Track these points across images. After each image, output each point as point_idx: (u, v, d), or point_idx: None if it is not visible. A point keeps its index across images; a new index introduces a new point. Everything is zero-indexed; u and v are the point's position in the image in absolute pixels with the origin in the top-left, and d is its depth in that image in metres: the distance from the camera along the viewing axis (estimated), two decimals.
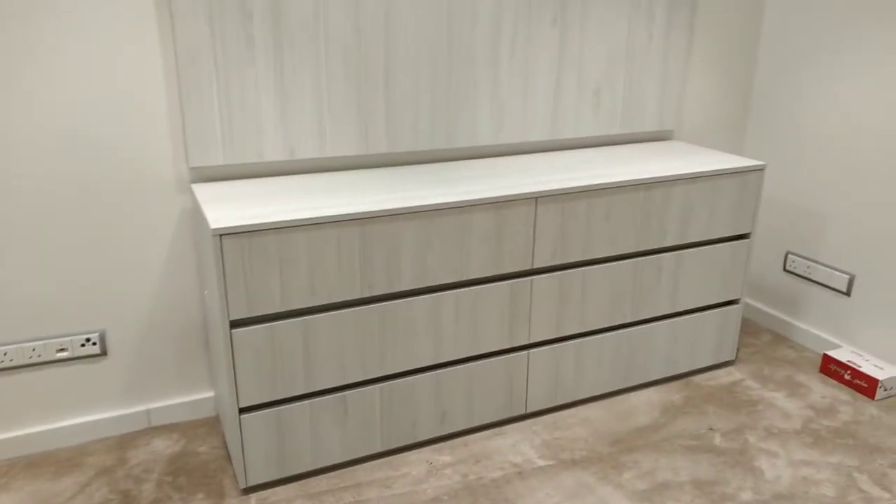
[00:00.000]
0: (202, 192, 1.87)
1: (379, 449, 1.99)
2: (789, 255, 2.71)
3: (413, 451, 2.03)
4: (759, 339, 2.73)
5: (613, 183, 2.04)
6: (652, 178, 2.09)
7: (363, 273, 1.79)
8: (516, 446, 2.06)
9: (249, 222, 1.63)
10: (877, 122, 2.33)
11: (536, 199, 1.95)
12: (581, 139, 2.48)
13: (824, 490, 1.90)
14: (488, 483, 1.90)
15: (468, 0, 2.11)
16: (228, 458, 1.99)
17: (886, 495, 1.88)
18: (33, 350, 1.93)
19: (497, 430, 2.14)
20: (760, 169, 2.28)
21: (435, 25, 2.09)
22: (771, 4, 2.64)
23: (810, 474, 1.96)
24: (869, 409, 2.28)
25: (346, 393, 1.88)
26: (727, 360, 2.51)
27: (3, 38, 1.68)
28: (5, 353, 1.91)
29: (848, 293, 2.51)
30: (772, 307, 2.82)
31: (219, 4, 1.82)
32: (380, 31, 2.02)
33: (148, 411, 2.11)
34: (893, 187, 2.31)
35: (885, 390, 2.33)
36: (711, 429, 2.16)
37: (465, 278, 1.93)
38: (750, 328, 2.82)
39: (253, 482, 1.84)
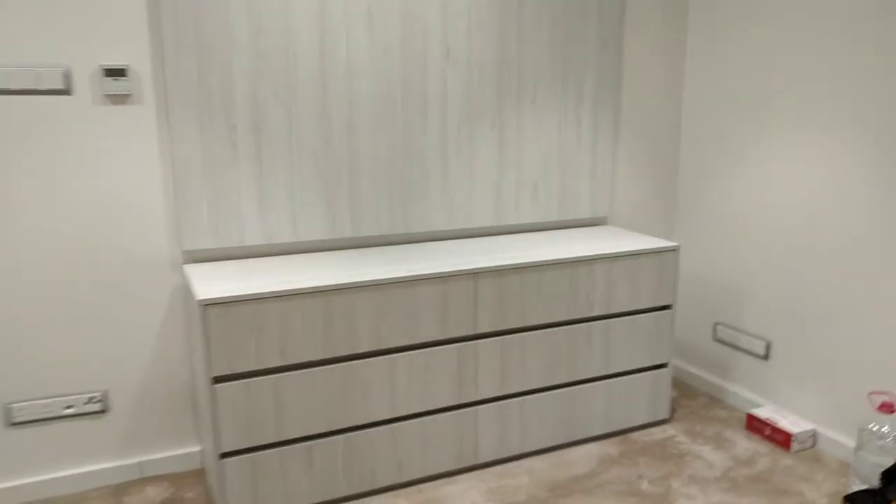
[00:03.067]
0: (192, 271, 2.24)
1: (343, 493, 2.26)
2: (717, 325, 3.04)
3: (373, 497, 2.30)
4: (696, 401, 3.02)
5: (541, 261, 2.40)
6: (575, 257, 2.46)
7: (326, 337, 2.13)
8: (465, 493, 2.32)
9: (230, 295, 1.99)
10: (782, 206, 2.72)
11: (475, 274, 2.31)
12: (523, 225, 2.86)
13: None
14: None
15: (418, 110, 2.54)
16: (212, 502, 2.26)
17: None
18: (45, 406, 2.25)
19: (449, 479, 2.41)
20: (675, 249, 2.65)
21: (391, 132, 2.51)
22: (688, 104, 3.09)
23: None
24: (784, 459, 2.55)
25: (313, 442, 2.18)
26: (662, 418, 2.79)
27: (38, 142, 2.09)
28: (20, 409, 2.22)
29: (766, 357, 2.82)
30: (705, 372, 3.12)
31: (209, 118, 2.25)
32: (344, 138, 2.45)
33: (141, 463, 2.39)
34: (798, 262, 2.67)
35: (800, 443, 2.61)
36: (640, 476, 2.43)
37: (416, 342, 2.26)
38: (688, 391, 3.11)
39: None
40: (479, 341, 2.37)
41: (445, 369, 2.33)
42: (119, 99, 2.15)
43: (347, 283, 2.12)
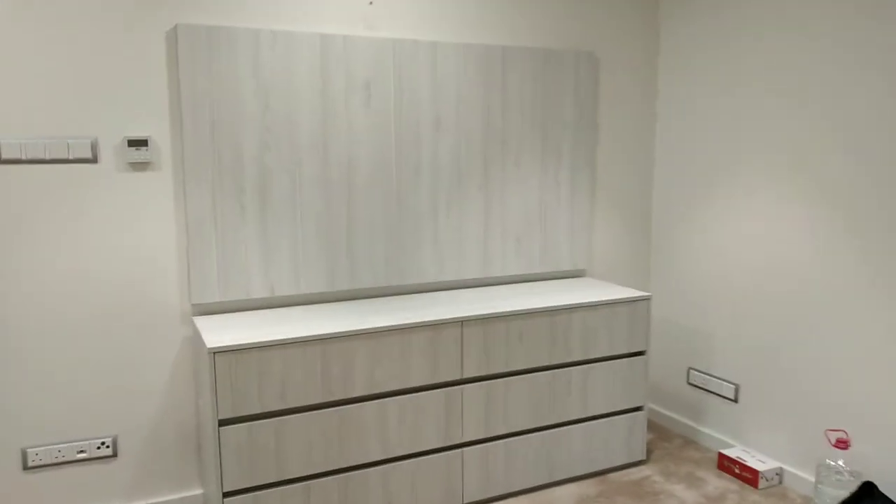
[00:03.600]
0: (201, 322, 2.43)
1: None
2: (690, 370, 3.24)
3: None
4: (671, 442, 3.20)
5: (523, 310, 2.61)
6: (555, 306, 2.67)
7: (323, 382, 2.31)
8: None
9: (236, 343, 2.18)
10: (746, 260, 2.96)
11: (462, 322, 2.51)
12: (508, 276, 3.08)
13: None
14: None
15: (412, 173, 2.78)
16: None
17: None
18: (59, 451, 2.40)
19: None
20: (647, 299, 2.87)
21: (385, 194, 2.75)
22: (659, 166, 3.36)
23: None
24: (753, 496, 2.72)
25: (311, 482, 2.34)
26: (638, 459, 2.97)
27: (67, 205, 2.31)
28: (35, 454, 2.38)
29: (736, 400, 3.02)
30: (680, 415, 3.31)
31: (220, 183, 2.47)
32: (343, 199, 2.68)
33: None
34: (762, 310, 2.89)
35: (767, 480, 2.78)
36: None
37: (407, 386, 2.45)
38: (664, 433, 3.29)
39: None
40: (466, 385, 2.56)
41: (434, 412, 2.51)
42: (140, 166, 2.38)
43: (344, 332, 2.32)
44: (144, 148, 2.36)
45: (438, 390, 2.51)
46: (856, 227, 2.51)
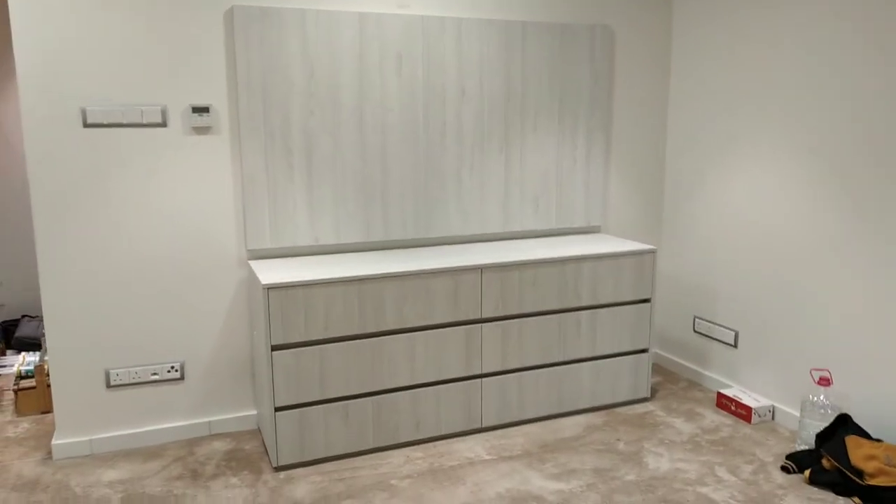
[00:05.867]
0: (255, 265, 2.82)
1: (371, 446, 2.79)
2: (696, 319, 3.52)
3: (395, 450, 2.83)
4: (677, 385, 3.49)
5: (537, 259, 2.93)
6: (566, 256, 2.98)
7: (359, 317, 2.68)
8: (471, 449, 2.84)
9: (286, 280, 2.56)
10: (747, 218, 3.21)
11: (481, 269, 2.85)
12: (526, 231, 3.39)
13: (688, 475, 2.63)
14: (447, 468, 2.68)
15: (438, 137, 3.11)
16: (266, 453, 2.81)
17: (732, 478, 2.61)
18: (136, 373, 2.84)
19: (458, 438, 2.93)
20: (653, 252, 3.15)
21: (415, 156, 3.08)
22: (672, 131, 3.60)
23: (682, 466, 2.70)
24: (745, 429, 3.01)
25: (348, 402, 2.72)
26: (643, 396, 3.28)
27: (140, 163, 2.71)
28: (117, 374, 2.82)
29: (735, 345, 3.29)
30: (686, 360, 3.60)
31: (271, 144, 2.84)
32: (377, 161, 3.02)
33: (210, 422, 2.97)
34: (760, 264, 3.15)
35: (759, 416, 3.07)
36: (618, 439, 2.92)
37: (431, 323, 2.80)
38: (671, 377, 3.59)
39: (283, 463, 2.66)
40: (484, 324, 2.90)
41: (455, 346, 2.86)
42: (202, 130, 2.77)
43: (377, 274, 2.68)
44: (206, 114, 2.73)
45: (460, 327, 2.86)
46: (846, 190, 2.74)
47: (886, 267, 2.61)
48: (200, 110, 2.73)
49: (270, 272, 2.69)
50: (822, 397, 2.76)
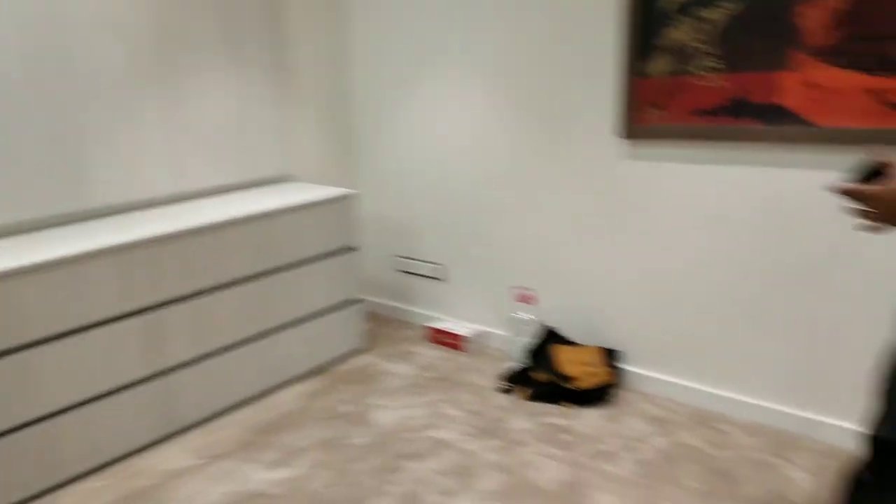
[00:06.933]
0: None
1: (34, 491, 2.18)
2: (400, 258, 3.42)
3: (66, 487, 2.25)
4: (389, 327, 3.40)
5: (222, 220, 2.50)
6: (257, 212, 2.60)
7: None
8: (171, 457, 2.37)
9: None
10: (442, 152, 3.13)
11: (151, 242, 2.33)
12: (206, 189, 2.90)
13: (418, 421, 2.54)
14: (143, 490, 2.20)
15: (75, 86, 2.43)
16: None
17: (459, 413, 2.58)
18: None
19: (153, 449, 2.44)
20: (355, 196, 2.92)
21: (47, 110, 2.37)
22: (358, 67, 3.36)
23: (409, 413, 2.59)
24: (460, 359, 3.02)
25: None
26: (360, 348, 3.11)
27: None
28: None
29: (443, 279, 3.27)
30: (394, 301, 3.52)
31: None
32: None
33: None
34: (460, 196, 3.10)
35: (473, 343, 3.10)
36: (341, 401, 2.71)
37: (91, 321, 2.23)
38: (382, 321, 3.48)
39: None
40: (166, 308, 2.41)
41: (131, 342, 2.33)
42: None
43: (8, 270, 2.02)
44: None
45: (133, 318, 2.33)
46: (531, 109, 2.78)
47: (576, 179, 2.72)
48: None
49: None
50: (526, 314, 2.85)
